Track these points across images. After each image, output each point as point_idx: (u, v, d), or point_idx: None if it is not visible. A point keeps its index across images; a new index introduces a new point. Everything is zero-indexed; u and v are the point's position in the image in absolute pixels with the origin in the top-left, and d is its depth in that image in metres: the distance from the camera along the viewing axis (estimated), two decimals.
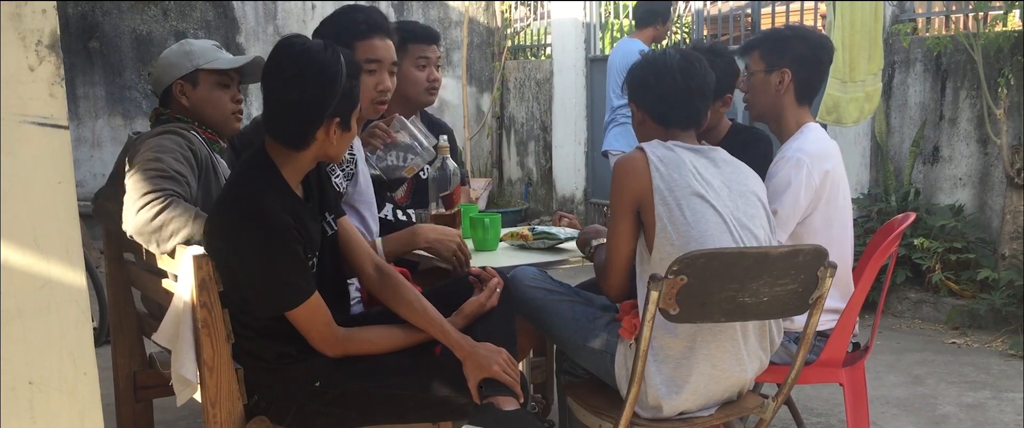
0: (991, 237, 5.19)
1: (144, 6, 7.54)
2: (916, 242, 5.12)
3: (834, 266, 2.19)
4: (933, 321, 5.07)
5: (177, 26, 7.63)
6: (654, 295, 2.02)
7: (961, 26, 5.53)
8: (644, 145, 2.31)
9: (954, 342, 4.71)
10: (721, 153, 2.39)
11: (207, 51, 2.68)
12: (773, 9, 6.70)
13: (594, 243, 2.59)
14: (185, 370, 2.13)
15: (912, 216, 2.88)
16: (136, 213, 2.28)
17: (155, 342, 2.35)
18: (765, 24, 6.79)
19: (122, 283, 2.82)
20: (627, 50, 5.41)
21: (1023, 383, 4.03)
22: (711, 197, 2.23)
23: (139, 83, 7.55)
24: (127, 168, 2.44)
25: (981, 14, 5.13)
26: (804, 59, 2.73)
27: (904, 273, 5.24)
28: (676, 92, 2.39)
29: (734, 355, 2.26)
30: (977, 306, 4.84)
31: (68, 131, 1.32)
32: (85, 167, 7.35)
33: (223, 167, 2.67)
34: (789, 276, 2.11)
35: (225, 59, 2.69)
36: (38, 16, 1.29)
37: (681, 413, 2.27)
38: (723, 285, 2.05)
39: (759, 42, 2.81)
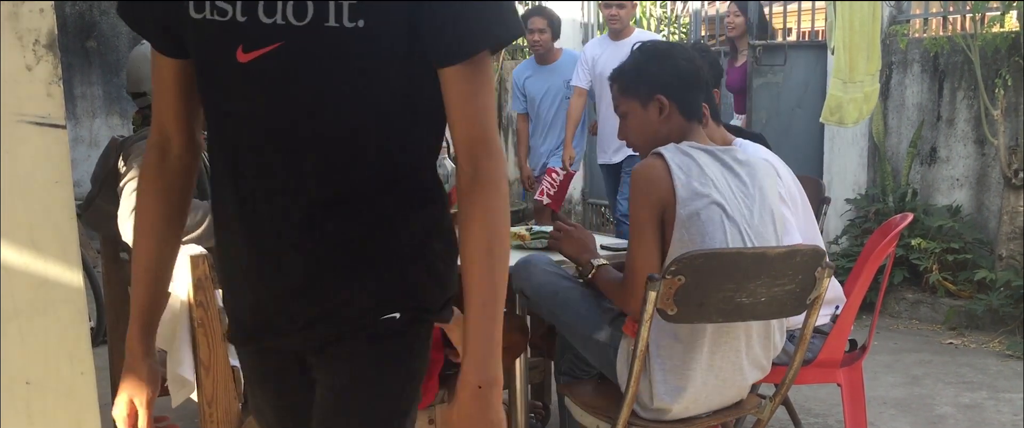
0: (988, 238, 5.19)
1: None
2: (914, 243, 5.13)
3: (832, 267, 2.18)
4: (930, 321, 5.08)
5: None
6: (652, 295, 2.01)
7: (958, 27, 5.53)
8: (662, 151, 2.20)
9: (951, 342, 4.71)
10: (736, 153, 2.30)
11: None
12: (771, 9, 6.70)
13: (594, 263, 2.38)
14: (183, 370, 2.13)
15: (909, 216, 2.87)
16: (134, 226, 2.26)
17: None
18: None
19: (119, 283, 2.82)
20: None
21: (1020, 383, 4.03)
22: (729, 206, 2.17)
23: None
24: (121, 172, 2.42)
25: (978, 15, 5.13)
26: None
27: (902, 273, 5.24)
28: (703, 80, 2.35)
29: (736, 364, 2.24)
30: (974, 307, 4.84)
31: (66, 130, 1.32)
32: (82, 167, 7.33)
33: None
34: (787, 276, 2.10)
35: None
36: (35, 15, 1.28)
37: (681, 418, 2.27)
38: (721, 285, 2.04)
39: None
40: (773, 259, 2.08)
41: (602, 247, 2.80)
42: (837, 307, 2.72)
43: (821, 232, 3.34)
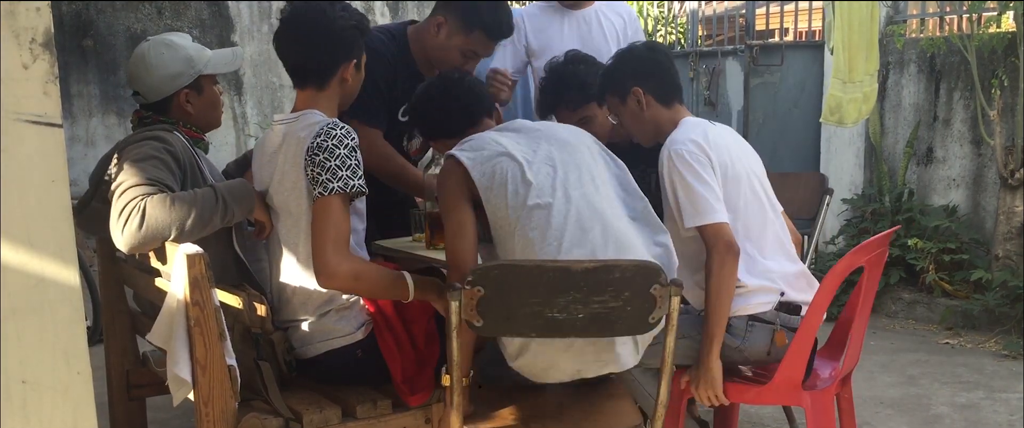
0: (985, 238, 5.20)
1: (138, 4, 7.52)
2: (910, 243, 5.14)
3: (679, 285, 2.00)
4: (927, 321, 5.09)
5: (172, 24, 7.61)
6: (454, 304, 1.95)
7: (955, 27, 5.54)
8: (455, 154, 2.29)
9: (948, 342, 4.72)
10: (515, 123, 2.44)
11: (202, 53, 2.62)
12: (767, 9, 6.71)
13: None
14: (180, 369, 2.12)
15: (892, 230, 2.70)
16: (122, 232, 2.24)
17: (149, 342, 2.34)
18: (759, 25, 6.81)
19: (115, 282, 2.81)
20: None
21: (1016, 383, 4.04)
22: (519, 156, 2.24)
23: None
24: (112, 176, 2.40)
25: (975, 15, 5.14)
26: (639, 70, 2.64)
27: (898, 274, 5.25)
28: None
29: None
30: (971, 307, 4.85)
31: (62, 129, 1.32)
32: (79, 165, 7.32)
33: (208, 165, 2.64)
34: (607, 293, 1.95)
35: (226, 61, 2.66)
36: (32, 14, 1.28)
37: None
38: (525, 299, 1.94)
39: (598, 89, 2.77)
40: (579, 274, 1.94)
41: None
42: (782, 293, 2.52)
43: (818, 230, 3.29)
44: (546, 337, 2.00)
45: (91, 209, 2.62)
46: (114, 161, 2.44)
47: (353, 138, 2.31)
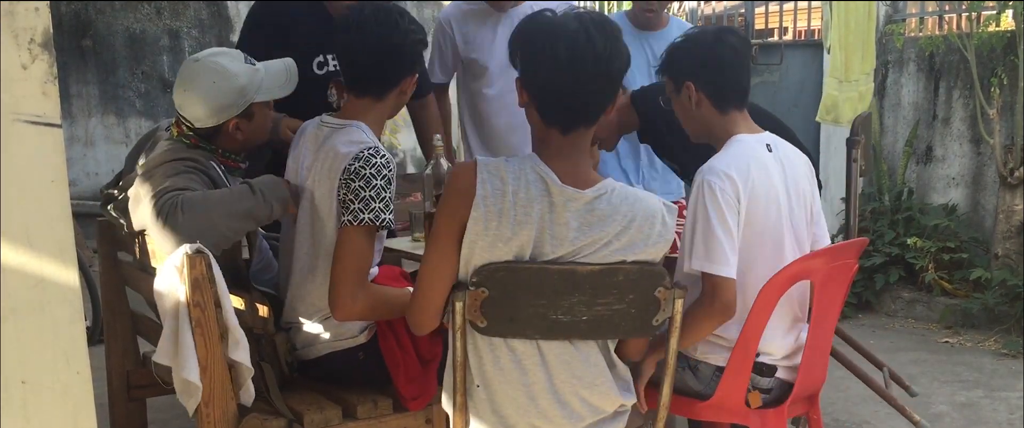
0: (984, 237, 5.20)
1: (137, 4, 7.51)
2: (909, 241, 5.14)
3: (684, 288, 1.95)
4: (926, 320, 5.09)
5: (171, 25, 7.61)
6: (459, 305, 1.91)
7: (954, 26, 5.55)
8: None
9: (947, 341, 4.72)
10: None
11: (254, 78, 2.43)
12: (767, 8, 6.71)
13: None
14: (188, 373, 2.09)
15: (859, 241, 2.52)
16: (162, 227, 2.15)
17: (155, 361, 2.28)
18: (759, 24, 6.81)
19: (115, 282, 2.81)
20: None
21: (1016, 382, 4.04)
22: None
23: (133, 82, 7.53)
24: (140, 177, 2.35)
25: (974, 14, 5.14)
26: (697, 61, 2.34)
27: (897, 272, 5.25)
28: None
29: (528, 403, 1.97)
30: (970, 305, 4.85)
31: (61, 130, 1.32)
32: (78, 166, 7.32)
33: None
34: (612, 295, 1.92)
35: (280, 84, 2.50)
36: (31, 14, 1.28)
37: None
38: (531, 300, 1.90)
39: (658, 68, 2.45)
40: (585, 277, 1.89)
41: None
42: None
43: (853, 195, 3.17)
44: (550, 339, 1.96)
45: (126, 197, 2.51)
46: (140, 171, 2.38)
47: (390, 169, 2.24)
